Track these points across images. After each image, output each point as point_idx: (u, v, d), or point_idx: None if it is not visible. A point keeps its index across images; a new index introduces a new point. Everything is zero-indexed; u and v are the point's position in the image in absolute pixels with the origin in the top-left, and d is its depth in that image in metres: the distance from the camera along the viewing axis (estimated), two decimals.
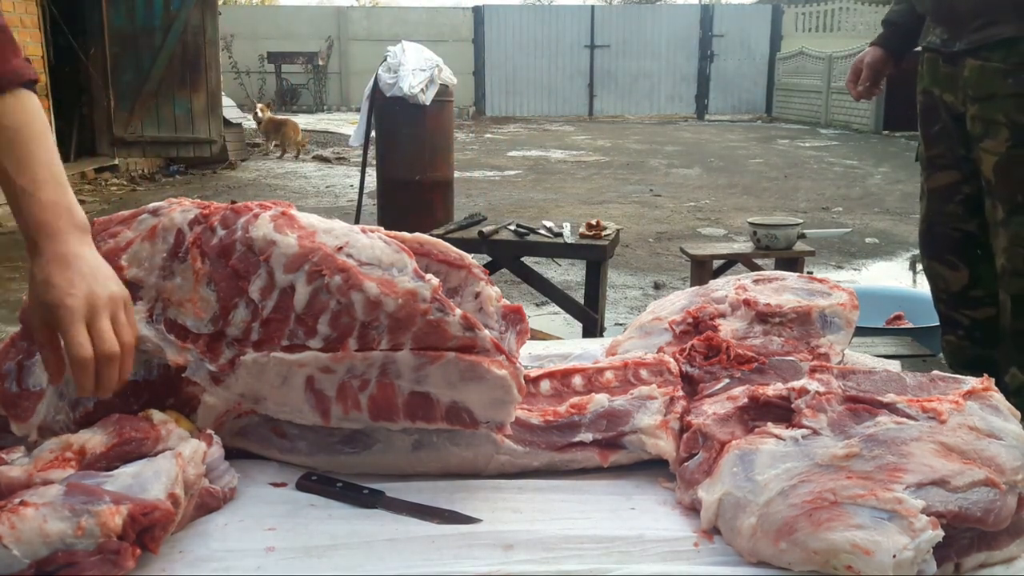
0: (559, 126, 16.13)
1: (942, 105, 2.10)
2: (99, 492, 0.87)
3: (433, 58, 4.81)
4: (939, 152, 2.15)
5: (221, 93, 9.52)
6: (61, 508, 0.85)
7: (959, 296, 2.18)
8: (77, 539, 0.83)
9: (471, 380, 1.01)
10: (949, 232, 2.17)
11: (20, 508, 0.84)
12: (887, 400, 1.00)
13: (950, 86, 2.06)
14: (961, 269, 2.16)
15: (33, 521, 0.83)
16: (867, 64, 2.32)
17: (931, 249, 2.23)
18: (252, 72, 17.49)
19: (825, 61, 15.93)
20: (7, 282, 4.81)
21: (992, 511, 0.90)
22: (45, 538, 0.82)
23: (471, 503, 1.02)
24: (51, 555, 0.82)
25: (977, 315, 2.16)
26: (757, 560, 0.91)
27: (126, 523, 0.86)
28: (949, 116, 2.09)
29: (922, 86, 2.17)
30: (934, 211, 2.20)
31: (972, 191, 2.09)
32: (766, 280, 1.40)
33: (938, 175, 2.17)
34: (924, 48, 2.16)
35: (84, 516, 0.84)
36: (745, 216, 5.08)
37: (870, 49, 2.33)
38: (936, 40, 2.09)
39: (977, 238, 2.11)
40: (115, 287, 0.95)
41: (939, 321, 2.27)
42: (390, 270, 1.04)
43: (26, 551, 0.82)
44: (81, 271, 0.93)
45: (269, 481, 1.06)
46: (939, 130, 2.14)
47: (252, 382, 1.05)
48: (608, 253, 3.43)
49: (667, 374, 1.19)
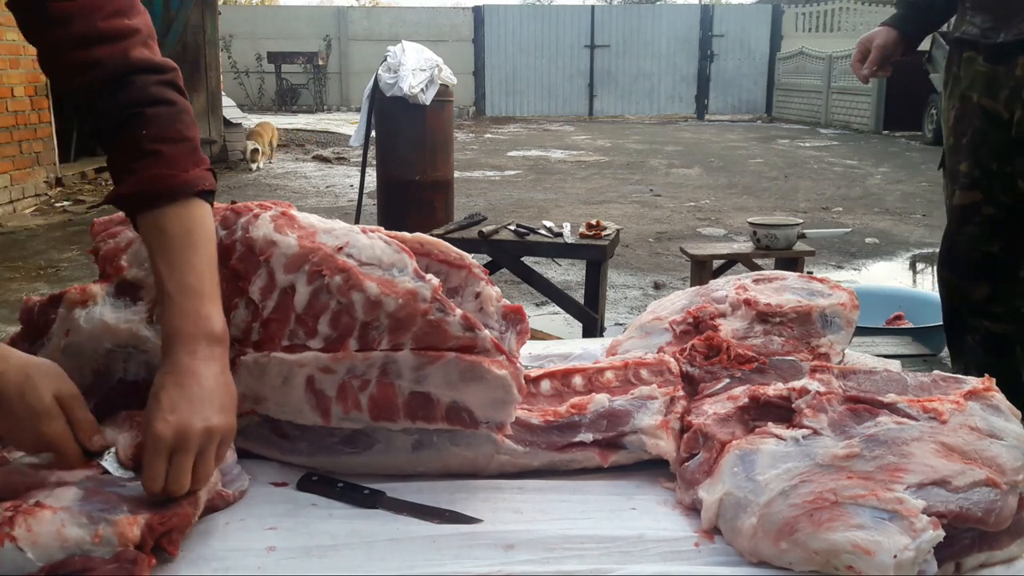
0: (559, 126, 16.13)
1: (978, 112, 1.91)
2: (117, 499, 0.87)
3: (433, 58, 4.81)
4: (965, 168, 1.99)
5: (221, 93, 9.52)
6: (78, 515, 0.84)
7: (979, 306, 2.05)
8: (94, 546, 0.83)
9: (471, 380, 1.01)
10: (970, 252, 2.03)
11: (36, 510, 0.83)
12: (888, 400, 1.00)
13: (989, 88, 1.87)
14: (982, 284, 2.03)
15: (50, 525, 0.82)
16: (877, 45, 2.08)
17: (952, 267, 2.09)
18: (252, 72, 17.50)
19: (825, 61, 15.94)
20: (7, 282, 4.81)
21: (993, 511, 0.90)
22: (63, 543, 0.82)
23: (471, 503, 1.02)
24: (66, 559, 0.82)
25: (994, 328, 2.04)
26: (758, 560, 0.91)
27: (144, 532, 0.85)
28: (986, 123, 1.91)
29: (959, 90, 1.96)
30: (955, 230, 2.05)
31: (993, 212, 1.96)
32: (766, 280, 1.40)
33: (960, 193, 2.02)
34: (956, 41, 1.95)
35: (102, 524, 0.84)
36: (745, 216, 5.09)
37: (881, 29, 2.09)
38: (974, 30, 1.87)
39: (1000, 260, 1.98)
40: (216, 419, 0.91)
41: (953, 324, 2.13)
42: (390, 270, 1.04)
43: (40, 555, 0.81)
44: (190, 395, 0.91)
45: (270, 481, 1.06)
46: (967, 142, 1.96)
47: (252, 382, 1.05)
48: (608, 253, 3.43)
49: (667, 374, 1.19)
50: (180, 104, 1.04)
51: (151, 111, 1.00)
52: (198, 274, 0.97)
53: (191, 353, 0.93)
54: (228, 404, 0.94)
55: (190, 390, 0.91)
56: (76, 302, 1.06)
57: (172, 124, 1.01)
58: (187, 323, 0.94)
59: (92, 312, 1.06)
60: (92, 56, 0.99)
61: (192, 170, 1.01)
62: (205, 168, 1.04)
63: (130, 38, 1.01)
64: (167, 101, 1.02)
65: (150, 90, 1.01)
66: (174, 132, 1.01)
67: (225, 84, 10.62)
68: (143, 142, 0.99)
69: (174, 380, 0.91)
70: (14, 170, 7.03)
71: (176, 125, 1.02)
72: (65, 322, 1.06)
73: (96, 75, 0.99)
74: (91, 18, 0.99)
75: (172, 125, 1.01)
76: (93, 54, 0.99)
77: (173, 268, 0.96)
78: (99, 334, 1.06)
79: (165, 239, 0.98)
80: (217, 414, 0.92)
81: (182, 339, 0.94)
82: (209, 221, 1.02)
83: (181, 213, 0.99)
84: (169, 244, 0.97)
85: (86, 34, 0.99)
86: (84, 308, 1.06)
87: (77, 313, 1.06)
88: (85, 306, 1.06)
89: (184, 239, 0.98)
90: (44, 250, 5.66)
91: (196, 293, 0.96)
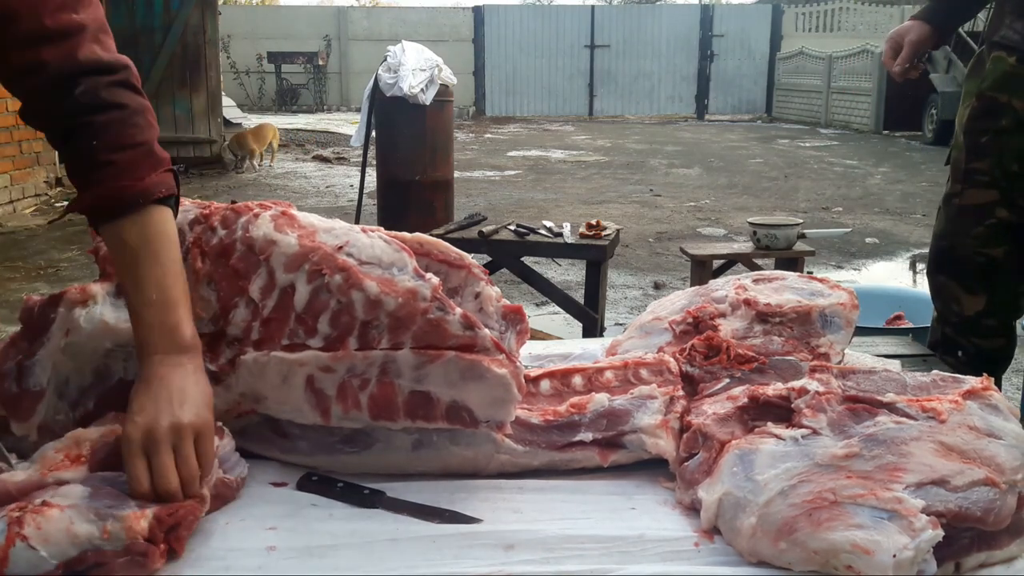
0: (559, 126, 16.12)
1: (1009, 111, 1.85)
2: (123, 496, 0.88)
3: (433, 58, 4.81)
4: (983, 167, 1.91)
5: (221, 93, 9.53)
6: (86, 511, 0.85)
7: (971, 322, 1.99)
8: (104, 542, 0.84)
9: (471, 379, 1.01)
10: (972, 256, 1.95)
11: (44, 509, 0.83)
12: (887, 400, 1.00)
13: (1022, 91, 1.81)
14: (979, 294, 1.96)
15: (59, 523, 0.83)
16: (909, 41, 1.98)
17: (949, 269, 2.02)
18: (252, 72, 17.50)
19: (825, 61, 15.94)
20: (7, 282, 4.81)
21: (992, 511, 0.90)
22: (73, 539, 0.82)
23: (471, 503, 1.02)
24: (80, 555, 0.83)
25: (985, 344, 1.98)
26: (757, 560, 0.91)
27: (152, 525, 0.86)
28: (1014, 124, 1.85)
29: (979, 88, 1.91)
30: (959, 230, 1.97)
31: (1006, 215, 1.90)
32: (766, 280, 1.40)
33: (973, 192, 1.94)
34: (992, 43, 1.88)
35: (109, 520, 0.84)
36: (745, 216, 5.08)
37: (914, 24, 2.00)
38: (1015, 36, 1.81)
39: (1000, 265, 1.93)
40: (185, 415, 0.92)
41: (939, 340, 2.07)
42: (390, 269, 1.04)
43: (54, 552, 0.82)
44: (156, 396, 0.93)
45: (270, 481, 1.06)
46: (989, 140, 1.90)
47: (252, 381, 1.05)
48: (608, 253, 3.43)
49: (667, 374, 1.19)
50: (133, 106, 1.01)
51: (102, 118, 0.98)
52: (159, 286, 0.98)
53: (159, 363, 0.96)
54: (199, 401, 0.96)
55: (156, 392, 0.93)
56: (76, 302, 1.06)
57: (124, 130, 0.99)
58: (153, 335, 0.97)
59: (92, 312, 1.06)
60: (38, 57, 0.95)
61: (148, 176, 0.99)
62: (164, 170, 1.02)
63: (77, 35, 0.97)
64: (118, 105, 0.99)
65: (100, 94, 0.98)
66: (127, 138, 0.99)
67: (225, 84, 10.62)
68: (96, 152, 0.97)
69: (144, 387, 0.94)
70: (14, 170, 7.04)
71: (129, 131, 0.99)
72: (65, 322, 1.06)
73: (43, 78, 0.96)
74: (37, 13, 0.95)
75: (124, 131, 0.99)
76: (39, 54, 0.95)
77: (136, 282, 0.98)
78: (99, 334, 1.06)
79: (126, 251, 0.98)
80: (185, 411, 0.93)
81: (150, 351, 0.96)
82: (170, 227, 1.01)
83: (140, 222, 0.98)
84: (131, 256, 0.98)
85: (32, 31, 0.95)
86: (84, 308, 1.06)
87: (77, 313, 1.06)
88: (85, 306, 1.06)
89: (144, 249, 0.98)
90: (44, 250, 5.66)
91: (159, 305, 0.97)
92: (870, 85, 14.63)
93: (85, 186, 0.99)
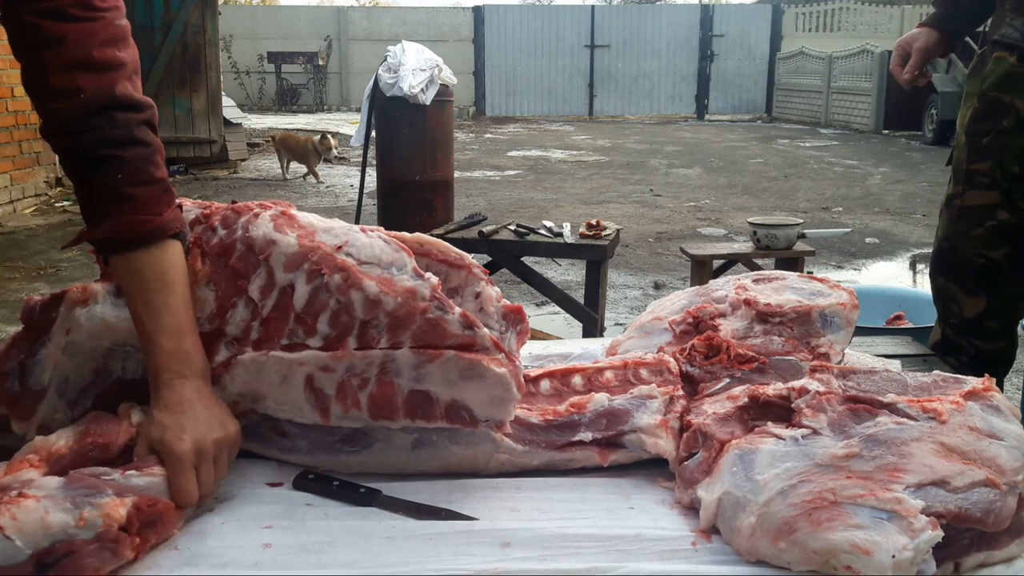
0: (559, 126, 16.13)
1: (1011, 112, 1.84)
2: (101, 485, 0.88)
3: (433, 58, 4.81)
4: (984, 168, 1.90)
5: (221, 93, 9.52)
6: (62, 500, 0.85)
7: (972, 324, 1.98)
8: (79, 529, 0.84)
9: (470, 378, 1.01)
10: (973, 257, 1.94)
11: (19, 500, 0.84)
12: (887, 400, 1.00)
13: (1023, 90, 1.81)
14: (979, 296, 1.95)
15: (34, 512, 0.83)
16: (918, 48, 1.97)
17: (950, 271, 2.00)
18: (252, 72, 17.51)
19: (825, 61, 15.94)
20: (7, 282, 4.81)
21: (992, 511, 0.90)
22: (47, 529, 0.83)
23: (469, 503, 1.01)
24: (50, 547, 0.83)
25: (986, 346, 1.98)
26: (756, 560, 0.91)
27: (131, 514, 0.87)
28: (1016, 125, 1.84)
29: (981, 88, 1.90)
30: (960, 232, 1.96)
31: (1007, 217, 1.89)
32: (766, 280, 1.40)
33: (974, 193, 1.92)
34: (994, 43, 1.87)
35: (86, 508, 0.85)
36: (745, 216, 5.09)
37: (922, 30, 1.98)
38: (1015, 34, 1.80)
39: (1000, 268, 1.92)
40: (220, 432, 0.99)
41: (939, 342, 2.07)
42: (389, 269, 1.04)
43: (28, 542, 0.82)
44: (195, 418, 0.98)
45: (266, 481, 1.06)
46: (990, 141, 1.88)
47: (251, 381, 1.05)
48: (608, 253, 3.43)
49: (667, 374, 1.19)
50: (155, 144, 1.06)
51: (129, 153, 1.02)
52: (175, 314, 1.02)
53: (180, 389, 0.99)
54: (226, 418, 1.02)
55: (192, 414, 0.98)
56: (77, 301, 1.06)
57: (147, 167, 1.04)
58: (171, 361, 1.00)
59: (93, 311, 1.06)
60: (76, 83, 1.00)
61: (165, 212, 1.04)
62: (176, 207, 1.07)
63: (117, 71, 1.03)
64: (144, 142, 1.04)
65: (132, 130, 1.03)
66: (147, 175, 1.04)
67: (225, 84, 10.60)
68: (119, 186, 1.02)
69: (176, 410, 0.98)
70: (14, 170, 7.04)
71: (150, 168, 1.04)
72: (66, 321, 1.06)
73: (77, 103, 1.00)
74: (86, 43, 1.00)
75: (147, 168, 1.04)
76: (78, 81, 1.00)
77: (151, 310, 1.01)
78: (99, 333, 1.06)
79: (141, 281, 1.02)
80: (221, 428, 1.00)
81: (168, 378, 1.00)
82: (180, 259, 1.06)
83: (155, 255, 1.03)
84: (145, 286, 1.02)
85: (78, 59, 1.00)
86: (85, 307, 1.06)
87: (78, 312, 1.06)
88: (86, 305, 1.06)
89: (160, 280, 1.02)
90: (44, 250, 5.66)
91: (176, 332, 1.01)
92: (870, 85, 14.64)
93: (102, 216, 1.03)
